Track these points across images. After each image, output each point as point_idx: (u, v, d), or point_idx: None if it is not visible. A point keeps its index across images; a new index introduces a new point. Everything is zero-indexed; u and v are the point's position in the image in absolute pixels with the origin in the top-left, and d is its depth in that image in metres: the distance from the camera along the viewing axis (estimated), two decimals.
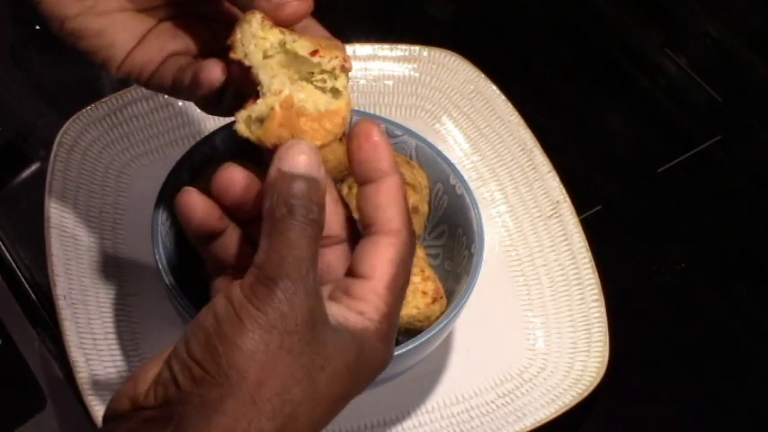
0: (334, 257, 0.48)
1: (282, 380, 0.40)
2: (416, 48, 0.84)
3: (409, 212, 0.47)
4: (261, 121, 0.47)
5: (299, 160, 0.43)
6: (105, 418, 0.43)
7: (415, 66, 0.83)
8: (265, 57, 0.47)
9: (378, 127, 0.46)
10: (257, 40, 0.47)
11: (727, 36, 0.94)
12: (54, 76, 0.54)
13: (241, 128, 0.48)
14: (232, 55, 0.48)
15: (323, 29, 0.52)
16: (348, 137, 0.47)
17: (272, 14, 0.48)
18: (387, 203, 0.46)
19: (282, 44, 0.47)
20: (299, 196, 0.42)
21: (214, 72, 0.49)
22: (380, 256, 0.45)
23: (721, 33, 0.93)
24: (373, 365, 0.45)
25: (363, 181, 0.46)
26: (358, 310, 0.44)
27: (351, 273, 0.45)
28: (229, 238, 0.49)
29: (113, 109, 0.78)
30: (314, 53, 0.47)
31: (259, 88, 0.48)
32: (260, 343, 0.40)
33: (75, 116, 0.77)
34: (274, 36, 0.47)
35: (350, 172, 0.47)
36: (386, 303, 0.44)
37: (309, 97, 0.48)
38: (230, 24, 0.49)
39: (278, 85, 0.47)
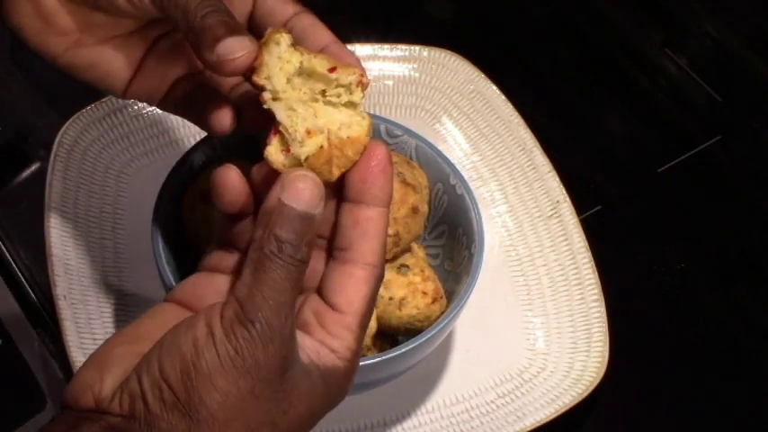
0: (315, 262, 0.47)
1: (247, 423, 0.41)
2: (416, 48, 0.84)
3: (386, 246, 0.46)
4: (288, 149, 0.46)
5: (302, 195, 0.42)
6: (65, 404, 0.43)
7: (415, 66, 0.83)
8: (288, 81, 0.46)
9: (389, 154, 0.46)
10: (282, 63, 0.46)
11: (727, 36, 0.94)
12: (54, 76, 0.54)
13: (278, 164, 0.46)
14: (255, 78, 0.46)
15: (328, 30, 0.51)
16: (366, 159, 0.46)
17: (219, 68, 0.46)
18: (374, 234, 0.45)
19: (301, 64, 0.46)
20: (292, 235, 0.42)
21: (224, 121, 0.49)
22: (357, 292, 0.44)
23: (721, 33, 0.93)
24: (334, 400, 0.45)
25: (355, 201, 0.46)
26: (331, 347, 0.44)
27: (323, 296, 0.45)
28: (248, 224, 0.48)
29: (113, 109, 0.78)
30: (332, 70, 0.46)
31: (279, 119, 0.46)
32: (232, 386, 0.41)
33: (75, 116, 0.77)
34: (296, 58, 0.46)
35: (344, 183, 0.46)
36: (356, 340, 0.44)
37: (328, 119, 0.46)
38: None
39: (308, 121, 0.46)
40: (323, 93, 0.47)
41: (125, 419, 0.41)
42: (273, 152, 0.46)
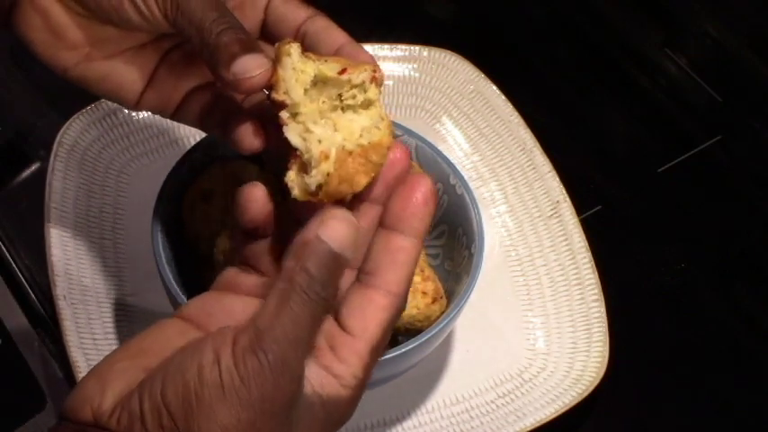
0: (344, 282, 0.46)
1: None
2: (416, 48, 0.84)
3: (412, 278, 0.45)
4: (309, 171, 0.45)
5: (339, 235, 0.42)
6: (64, 415, 0.42)
7: (415, 66, 0.83)
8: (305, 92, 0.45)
9: (434, 189, 0.45)
10: (297, 74, 0.45)
11: (727, 36, 0.94)
12: (54, 76, 0.54)
13: (299, 195, 0.45)
14: (275, 95, 0.45)
15: (342, 31, 0.50)
16: (402, 182, 0.45)
17: (236, 87, 0.46)
18: (403, 263, 0.44)
19: (314, 73, 0.45)
20: (323, 273, 0.41)
21: (254, 141, 0.48)
22: (373, 318, 0.44)
23: (721, 33, 0.93)
24: (334, 424, 0.44)
25: (391, 228, 0.45)
26: (336, 373, 0.43)
27: (339, 318, 0.44)
28: (266, 244, 0.48)
29: (113, 109, 0.78)
30: (342, 72, 0.45)
31: (294, 145, 0.45)
32: (233, 418, 0.39)
33: (75, 116, 0.77)
34: (310, 67, 0.45)
35: (384, 208, 0.45)
36: (364, 368, 0.43)
37: (348, 129, 0.45)
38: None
39: (324, 142, 0.45)
40: (339, 97, 0.46)
41: None
42: (293, 177, 0.45)
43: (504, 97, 0.81)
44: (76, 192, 0.74)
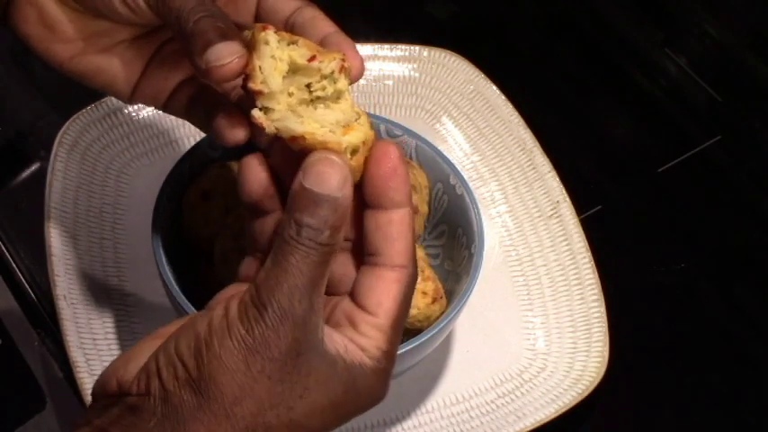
0: (347, 267, 0.47)
1: (259, 402, 0.41)
2: (416, 48, 0.84)
3: (414, 244, 0.46)
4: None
5: (324, 178, 0.42)
6: (94, 394, 0.44)
7: (415, 66, 0.83)
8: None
9: (399, 154, 0.45)
10: (276, 62, 0.44)
11: (727, 36, 0.94)
12: (54, 76, 0.54)
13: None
14: (251, 85, 0.44)
15: (329, 21, 0.50)
16: (374, 161, 0.45)
17: (208, 75, 0.45)
18: (397, 236, 0.45)
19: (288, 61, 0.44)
20: (312, 219, 0.41)
21: (237, 135, 0.49)
22: (387, 293, 0.44)
23: (721, 33, 0.93)
24: (364, 401, 0.45)
25: (374, 206, 0.45)
26: (360, 345, 0.44)
27: (354, 299, 0.45)
28: (272, 221, 0.47)
29: (113, 109, 0.78)
30: (311, 59, 0.44)
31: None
32: (241, 363, 0.41)
33: (75, 116, 0.77)
34: (286, 54, 0.44)
35: (362, 191, 0.45)
36: (388, 341, 0.44)
37: (322, 122, 0.44)
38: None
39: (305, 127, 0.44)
40: (308, 88, 0.44)
41: (141, 398, 0.42)
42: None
43: (504, 97, 0.81)
44: (76, 192, 0.74)
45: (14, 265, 0.74)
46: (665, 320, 0.75)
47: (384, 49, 0.84)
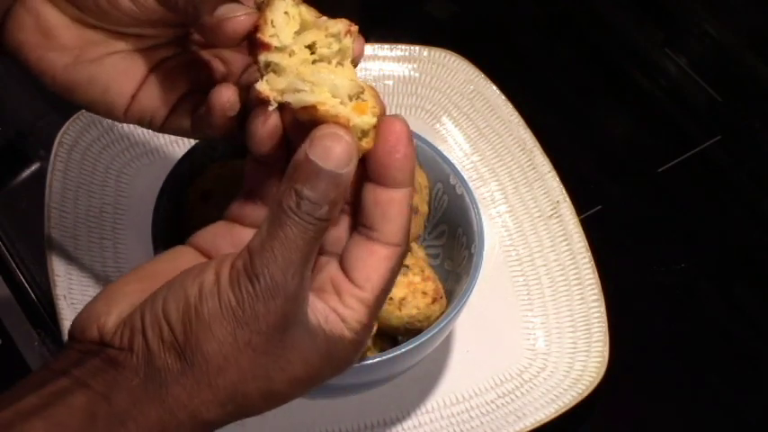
0: (340, 229, 0.46)
1: (242, 372, 0.42)
2: (416, 48, 0.84)
3: (410, 223, 0.46)
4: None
5: (330, 153, 0.41)
6: (71, 334, 0.44)
7: (415, 66, 0.83)
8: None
9: (406, 133, 0.44)
10: (289, 18, 0.44)
11: (727, 36, 0.94)
12: None
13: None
14: (260, 36, 0.44)
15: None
16: (379, 136, 0.44)
17: (217, 31, 0.45)
18: (396, 215, 0.45)
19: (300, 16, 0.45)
20: (313, 192, 0.41)
21: (225, 94, 0.48)
22: (376, 269, 0.44)
23: (721, 33, 0.93)
24: (337, 368, 0.45)
25: (376, 181, 0.45)
26: (342, 316, 0.44)
27: (343, 266, 0.45)
28: (268, 170, 0.48)
29: None
30: (319, 17, 0.45)
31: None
32: (229, 335, 0.41)
33: (75, 116, 0.77)
34: (297, 11, 0.45)
35: (365, 164, 0.45)
36: (369, 315, 0.44)
37: (332, 90, 0.43)
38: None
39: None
40: (312, 47, 0.45)
41: (123, 352, 0.42)
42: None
43: (504, 97, 0.81)
44: (76, 192, 0.74)
45: (14, 265, 0.74)
46: (665, 320, 0.75)
47: (384, 49, 0.84)
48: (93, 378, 0.41)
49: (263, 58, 0.44)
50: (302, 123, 0.44)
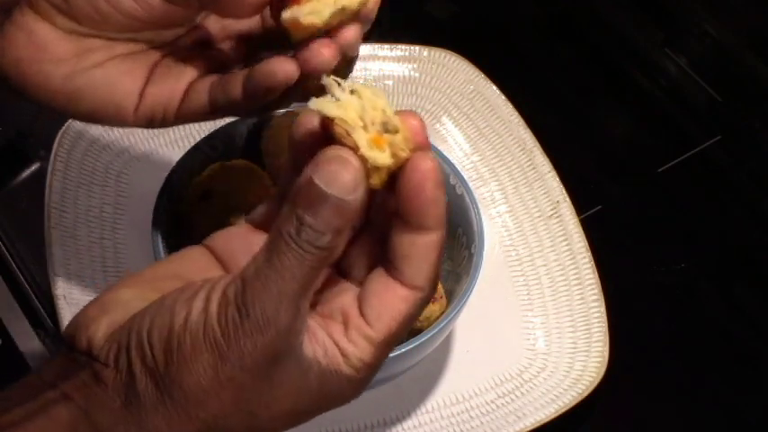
0: (363, 249, 0.43)
1: (223, 407, 0.40)
2: (416, 48, 0.84)
3: (438, 272, 0.42)
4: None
5: (336, 178, 0.38)
6: (65, 337, 0.42)
7: (415, 66, 0.83)
8: None
9: (436, 176, 0.40)
10: None
11: (727, 36, 0.94)
12: None
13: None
14: None
15: None
16: (404, 175, 0.40)
17: None
18: (419, 260, 0.41)
19: None
20: (316, 220, 0.38)
21: (287, 65, 0.48)
22: (390, 308, 0.41)
23: (721, 33, 0.93)
24: (329, 404, 0.42)
25: (404, 220, 0.41)
26: (343, 350, 0.41)
27: (360, 297, 0.42)
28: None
29: None
30: None
31: None
32: (210, 369, 0.39)
33: None
34: None
35: (394, 200, 0.41)
36: (374, 356, 0.41)
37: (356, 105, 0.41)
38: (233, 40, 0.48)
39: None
40: None
41: (109, 369, 0.40)
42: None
43: (504, 97, 0.81)
44: (76, 192, 0.74)
45: (14, 265, 0.74)
46: (665, 320, 0.75)
47: (384, 49, 0.84)
48: (77, 392, 0.40)
49: None
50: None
